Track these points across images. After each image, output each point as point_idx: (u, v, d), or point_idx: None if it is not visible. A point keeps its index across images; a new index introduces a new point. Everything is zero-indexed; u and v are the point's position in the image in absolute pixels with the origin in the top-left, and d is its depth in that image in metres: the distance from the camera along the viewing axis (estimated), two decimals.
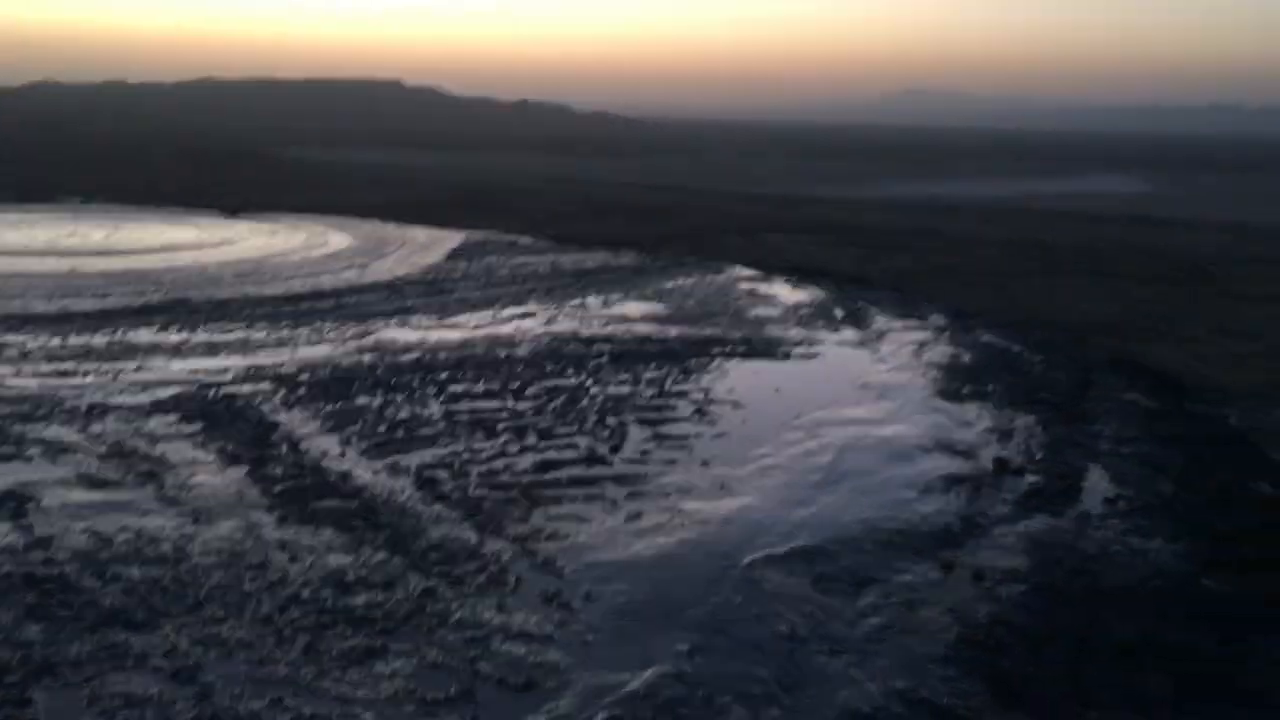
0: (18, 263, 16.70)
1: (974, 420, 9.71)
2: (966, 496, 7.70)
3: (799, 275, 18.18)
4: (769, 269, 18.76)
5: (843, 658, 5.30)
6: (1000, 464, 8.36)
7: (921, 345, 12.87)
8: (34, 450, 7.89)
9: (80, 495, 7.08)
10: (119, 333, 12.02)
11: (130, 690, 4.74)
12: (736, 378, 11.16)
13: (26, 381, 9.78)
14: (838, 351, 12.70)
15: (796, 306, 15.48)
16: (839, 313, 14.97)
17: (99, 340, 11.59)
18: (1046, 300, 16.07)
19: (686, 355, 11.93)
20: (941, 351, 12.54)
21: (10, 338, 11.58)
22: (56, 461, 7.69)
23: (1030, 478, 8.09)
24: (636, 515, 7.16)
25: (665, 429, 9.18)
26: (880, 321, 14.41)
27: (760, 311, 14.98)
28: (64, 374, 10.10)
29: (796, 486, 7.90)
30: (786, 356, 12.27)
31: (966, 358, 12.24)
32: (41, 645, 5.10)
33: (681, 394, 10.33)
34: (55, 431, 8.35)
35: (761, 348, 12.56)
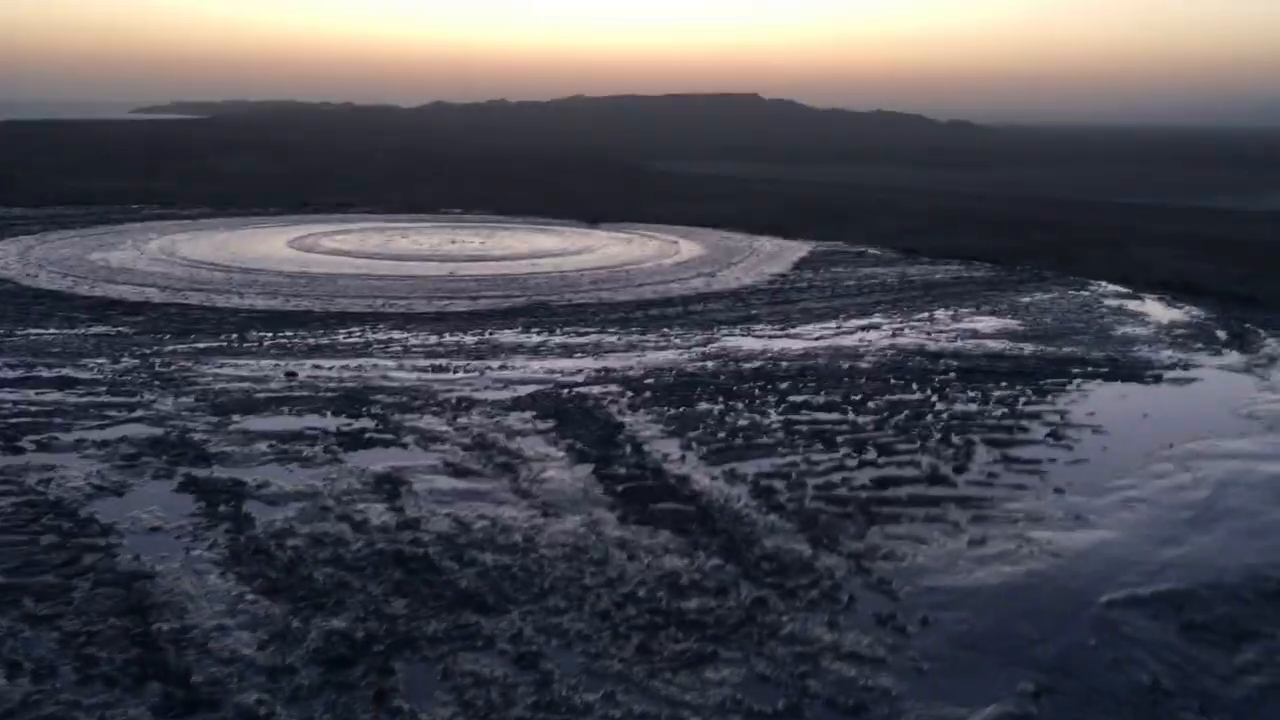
0: (406, 267, 18.38)
1: None
2: None
3: (1173, 292, 16.66)
4: (1138, 285, 17.33)
5: (1216, 718, 4.75)
6: None
7: None
8: (409, 438, 8.63)
9: (445, 482, 7.64)
10: (487, 332, 12.93)
11: (479, 670, 5.04)
12: (1098, 400, 10.37)
13: (407, 375, 10.72)
14: (1218, 376, 11.50)
15: (1170, 326, 14.18)
16: (1221, 334, 13.57)
17: (469, 339, 12.51)
18: None
19: (1042, 374, 11.22)
20: None
21: (396, 335, 12.76)
22: (428, 449, 8.36)
23: None
24: (980, 540, 6.79)
25: (1015, 451, 8.66)
26: (1271, 345, 12.91)
27: (1128, 330, 13.85)
28: (438, 369, 10.98)
29: (1165, 523, 7.20)
30: (1157, 380, 11.25)
31: None
32: (405, 620, 5.53)
33: (1035, 415, 9.71)
34: (428, 422, 9.08)
35: (1128, 370, 11.60)
